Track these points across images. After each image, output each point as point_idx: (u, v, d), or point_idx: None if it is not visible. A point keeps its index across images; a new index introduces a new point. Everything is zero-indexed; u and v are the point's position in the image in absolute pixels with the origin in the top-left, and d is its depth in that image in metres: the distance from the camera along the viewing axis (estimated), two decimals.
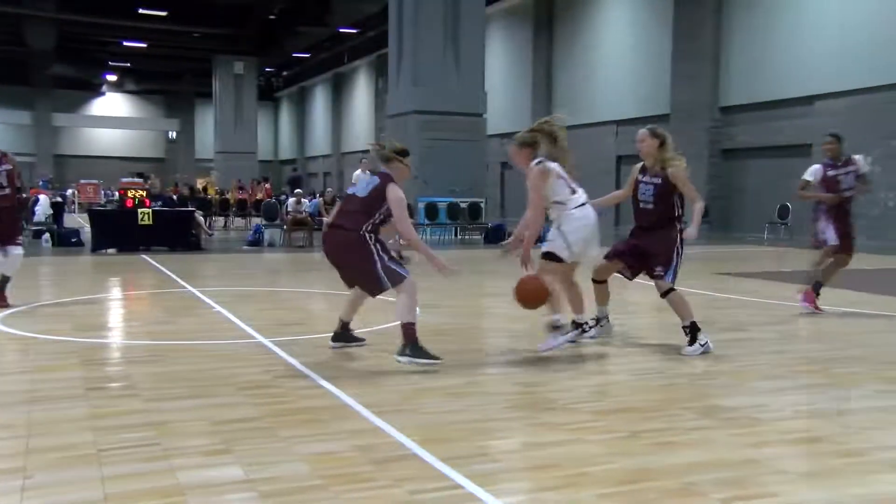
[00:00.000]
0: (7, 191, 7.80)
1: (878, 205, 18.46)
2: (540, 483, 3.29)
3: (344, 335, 6.00)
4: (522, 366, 5.60)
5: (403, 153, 5.59)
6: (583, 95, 28.29)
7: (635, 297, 9.06)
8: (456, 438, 3.85)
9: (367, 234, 5.29)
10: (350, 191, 5.74)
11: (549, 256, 5.88)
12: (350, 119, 45.95)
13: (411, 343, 5.31)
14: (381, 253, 5.33)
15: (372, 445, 3.72)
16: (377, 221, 5.35)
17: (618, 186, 28.15)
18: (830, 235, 7.80)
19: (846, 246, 7.85)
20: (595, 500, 3.09)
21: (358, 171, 17.06)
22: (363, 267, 5.34)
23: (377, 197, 5.33)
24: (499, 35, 32.26)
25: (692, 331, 5.87)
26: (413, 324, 5.34)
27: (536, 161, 5.92)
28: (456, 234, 19.50)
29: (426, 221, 18.86)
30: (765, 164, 21.73)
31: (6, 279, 7.84)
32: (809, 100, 19.94)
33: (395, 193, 5.33)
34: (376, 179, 5.43)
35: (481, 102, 20.37)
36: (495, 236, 18.50)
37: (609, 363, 5.79)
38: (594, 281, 6.34)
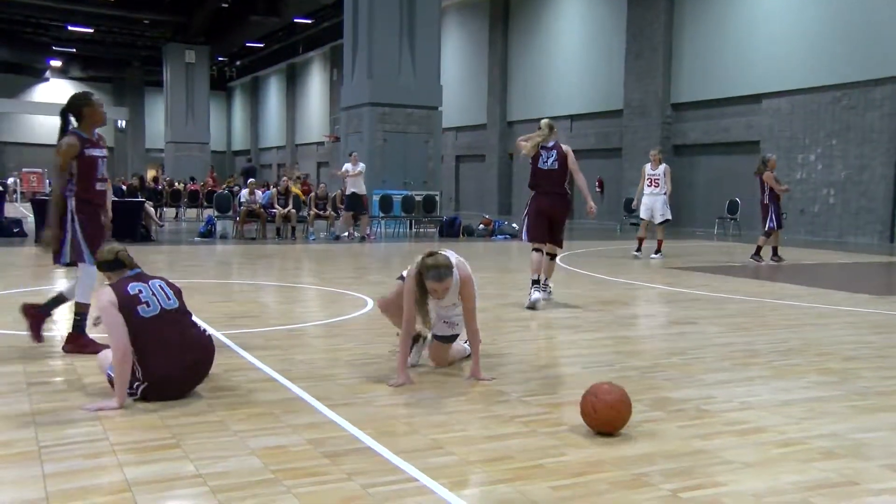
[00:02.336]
0: None
1: (819, 201, 18.97)
2: (493, 476, 3.31)
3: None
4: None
5: None
6: (537, 90, 28.46)
7: (581, 290, 9.16)
8: (409, 432, 3.84)
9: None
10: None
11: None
12: (304, 110, 45.52)
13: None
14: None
15: (324, 439, 3.70)
16: None
17: (571, 183, 28.50)
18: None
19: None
20: (548, 493, 3.12)
21: (348, 165, 16.85)
22: None
23: None
24: (454, 28, 32.26)
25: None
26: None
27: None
28: (411, 227, 19.48)
29: (380, 214, 18.80)
30: (714, 161, 22.15)
31: None
32: (756, 98, 20.37)
33: None
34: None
35: (437, 96, 20.35)
36: (450, 229, 18.53)
37: (560, 357, 5.85)
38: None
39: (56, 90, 51.63)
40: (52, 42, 42.10)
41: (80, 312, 5.50)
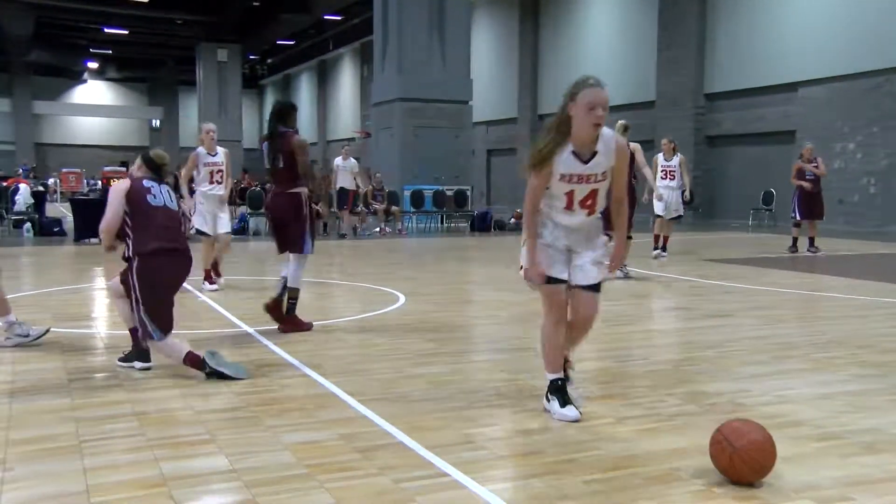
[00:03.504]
0: None
1: (858, 191, 18.59)
2: (526, 470, 3.30)
3: None
4: (507, 353, 5.61)
5: None
6: (567, 82, 28.16)
7: (615, 284, 9.09)
8: (441, 426, 3.84)
9: None
10: None
11: None
12: (335, 107, 45.72)
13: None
14: None
15: (356, 434, 3.72)
16: None
17: None
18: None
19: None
20: (581, 487, 3.10)
21: (338, 159, 16.97)
22: None
23: None
24: (484, 22, 32.16)
25: None
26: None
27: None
28: (442, 222, 19.48)
29: (411, 209, 18.83)
30: (749, 151, 21.82)
31: None
32: (793, 87, 20.02)
33: None
34: None
35: (467, 90, 20.32)
36: (481, 224, 18.50)
37: (593, 350, 5.81)
38: None
39: (93, 91, 52.51)
40: (89, 44, 42.80)
41: (294, 297, 6.20)
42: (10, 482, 3.13)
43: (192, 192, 8.68)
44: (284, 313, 6.17)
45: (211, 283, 8.44)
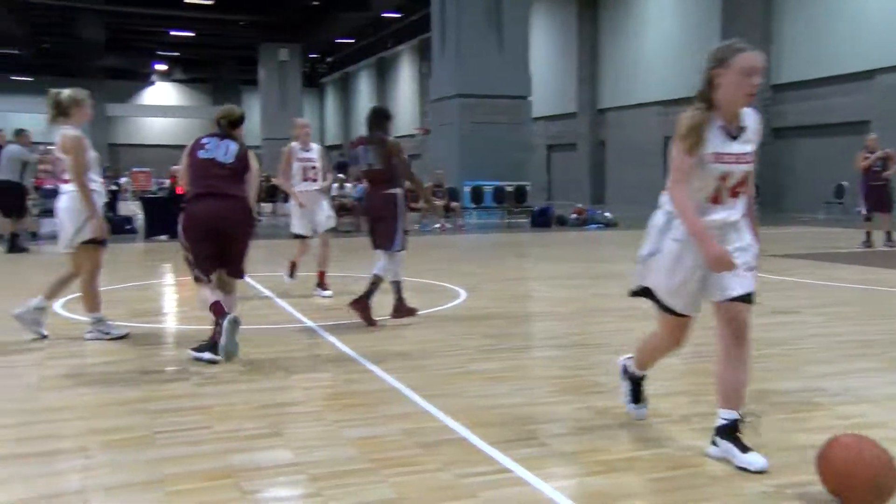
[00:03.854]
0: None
1: None
2: (588, 467, 3.27)
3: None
4: (569, 349, 5.57)
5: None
6: (628, 76, 27.92)
7: None
8: (503, 422, 3.84)
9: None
10: None
11: None
12: (394, 104, 45.97)
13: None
14: None
15: (419, 429, 3.74)
16: None
17: (664, 169, 27.82)
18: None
19: None
20: (644, 485, 3.06)
21: None
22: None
23: None
24: (543, 16, 31.94)
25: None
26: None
27: None
28: (502, 218, 19.45)
29: (472, 205, 18.83)
30: (817, 143, 21.20)
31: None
32: (868, 74, 19.33)
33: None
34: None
35: (525, 85, 20.21)
36: (541, 219, 18.40)
37: None
38: None
39: (161, 93, 53.93)
40: (156, 47, 43.97)
41: (375, 284, 6.47)
42: (92, 469, 3.24)
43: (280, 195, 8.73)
44: (363, 297, 6.45)
45: (324, 288, 7.96)
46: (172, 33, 38.57)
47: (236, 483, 3.09)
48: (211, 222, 5.08)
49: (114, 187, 21.25)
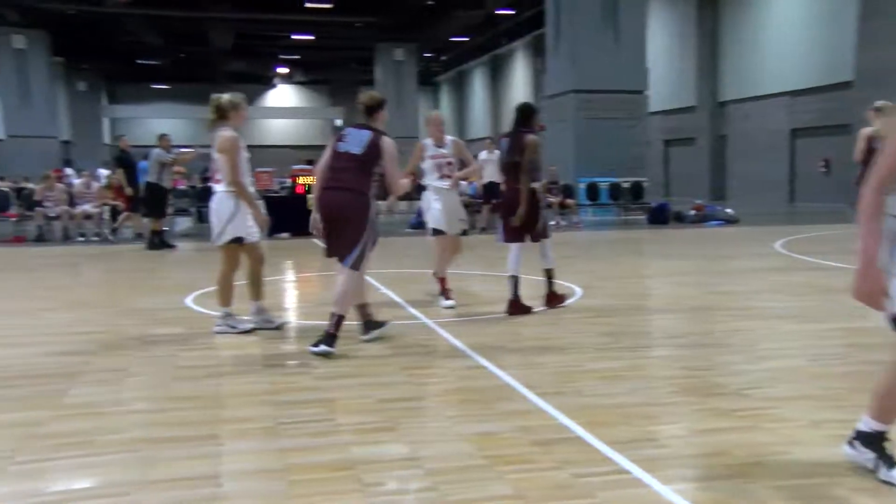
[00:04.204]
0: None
1: None
2: (710, 471, 3.17)
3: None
4: (688, 349, 5.41)
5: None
6: (752, 66, 26.80)
7: (803, 277, 8.52)
8: (620, 422, 3.78)
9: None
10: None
11: None
12: (508, 101, 45.89)
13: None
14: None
15: (534, 427, 3.73)
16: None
17: (792, 163, 26.60)
18: None
19: None
20: (770, 493, 2.94)
21: (483, 153, 16.74)
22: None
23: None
24: (660, 8, 31.11)
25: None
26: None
27: None
28: (618, 215, 19.09)
29: (587, 202, 18.58)
30: None
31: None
32: None
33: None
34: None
35: (642, 79, 19.77)
36: (659, 216, 17.95)
37: (782, 348, 5.47)
38: None
39: (282, 95, 55.93)
40: (278, 51, 45.59)
41: (551, 276, 6.94)
42: (222, 455, 3.41)
43: (419, 187, 8.00)
44: (551, 290, 6.91)
45: (448, 297, 7.19)
46: (294, 37, 39.90)
47: (356, 475, 3.17)
48: (330, 212, 5.34)
49: None
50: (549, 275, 6.99)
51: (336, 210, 5.31)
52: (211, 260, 11.73)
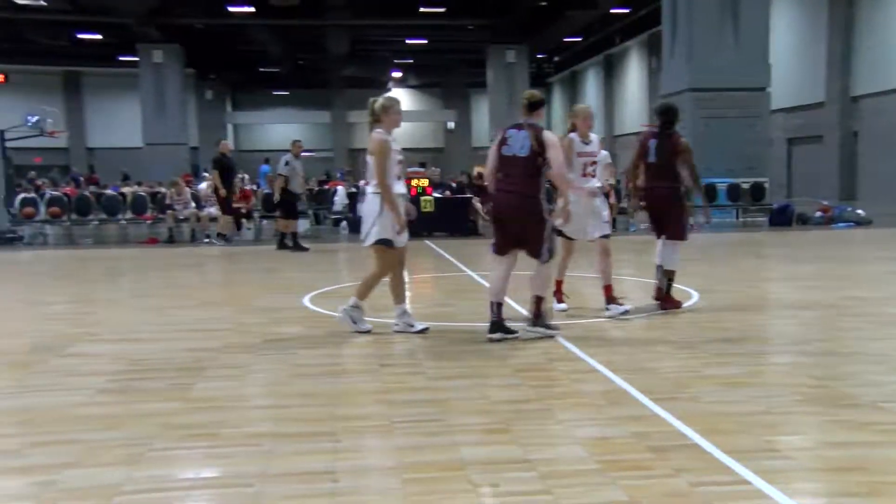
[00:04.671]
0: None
1: None
2: (841, 486, 3.01)
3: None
4: (814, 356, 5.15)
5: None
6: (890, 58, 25.22)
7: None
8: (739, 430, 3.64)
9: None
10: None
11: None
12: (622, 101, 45.10)
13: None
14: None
15: (649, 433, 3.64)
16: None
17: None
18: None
19: None
20: None
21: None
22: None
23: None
24: (785, 0, 29.78)
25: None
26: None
27: None
28: (737, 216, 18.41)
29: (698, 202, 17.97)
30: None
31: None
32: None
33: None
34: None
35: (764, 75, 18.98)
36: (781, 218, 17.20)
37: None
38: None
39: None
40: (392, 55, 46.48)
41: (671, 278, 7.00)
42: (339, 452, 3.50)
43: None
44: (664, 293, 6.96)
45: (616, 304, 6.77)
46: (408, 41, 40.57)
47: (467, 476, 3.18)
48: (501, 213, 5.74)
49: (353, 189, 22.75)
50: (668, 276, 6.98)
51: (508, 212, 5.69)
52: (329, 261, 12.08)
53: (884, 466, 3.18)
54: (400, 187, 5.98)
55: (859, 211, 17.14)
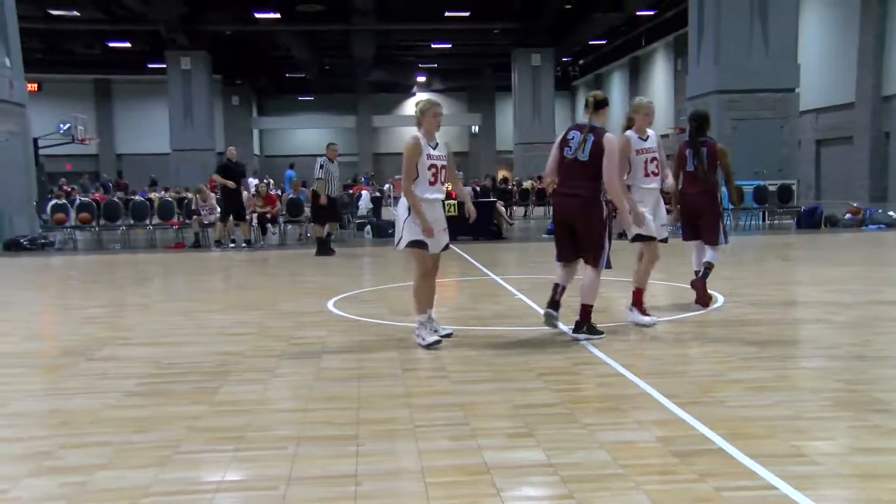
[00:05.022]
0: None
1: None
2: (872, 493, 2.97)
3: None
4: (844, 360, 5.09)
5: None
6: None
7: None
8: (766, 435, 3.61)
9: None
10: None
11: None
12: None
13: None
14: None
15: (674, 437, 3.62)
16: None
17: None
18: None
19: None
20: None
21: None
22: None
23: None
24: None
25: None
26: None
27: None
28: (764, 219, 18.21)
29: (730, 206, 17.82)
30: None
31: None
32: None
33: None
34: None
35: (793, 76, 18.77)
36: (809, 220, 16.99)
37: None
38: None
39: None
40: (417, 59, 46.62)
41: (709, 268, 7.30)
42: (363, 455, 3.52)
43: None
44: (701, 280, 7.23)
45: (643, 312, 6.47)
46: (433, 46, 40.68)
47: (491, 479, 3.19)
48: (562, 217, 5.81)
49: (377, 194, 22.87)
50: (708, 267, 7.24)
51: (569, 214, 5.75)
52: (353, 266, 12.12)
53: None
54: (435, 192, 5.74)
55: (891, 213, 16.88)
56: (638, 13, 34.11)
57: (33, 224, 17.01)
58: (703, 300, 7.19)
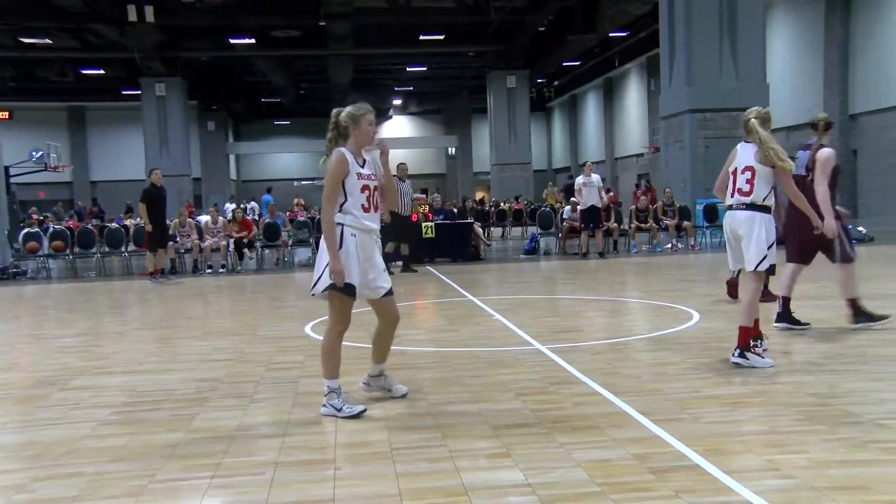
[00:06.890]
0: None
1: None
2: None
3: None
4: (816, 375, 5.16)
5: None
6: (889, 75, 25.33)
7: None
8: (741, 451, 3.64)
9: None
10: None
11: None
12: (622, 123, 45.33)
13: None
14: None
15: (650, 454, 3.65)
16: None
17: None
18: None
19: None
20: None
21: (580, 178, 16.16)
22: None
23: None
24: (781, 20, 30.02)
25: None
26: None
27: None
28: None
29: (705, 224, 18.04)
30: None
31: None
32: None
33: None
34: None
35: (762, 96, 19.08)
36: (781, 238, 17.17)
37: None
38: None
39: (397, 126, 57.36)
40: (394, 83, 46.88)
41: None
42: (340, 479, 3.51)
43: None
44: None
45: (760, 344, 5.74)
46: (408, 69, 40.94)
47: (469, 501, 3.19)
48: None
49: None
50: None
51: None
52: None
53: (886, 485, 3.18)
54: (372, 220, 4.69)
55: (861, 228, 17.14)
56: (611, 34, 34.57)
57: (5, 253, 16.81)
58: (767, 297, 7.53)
